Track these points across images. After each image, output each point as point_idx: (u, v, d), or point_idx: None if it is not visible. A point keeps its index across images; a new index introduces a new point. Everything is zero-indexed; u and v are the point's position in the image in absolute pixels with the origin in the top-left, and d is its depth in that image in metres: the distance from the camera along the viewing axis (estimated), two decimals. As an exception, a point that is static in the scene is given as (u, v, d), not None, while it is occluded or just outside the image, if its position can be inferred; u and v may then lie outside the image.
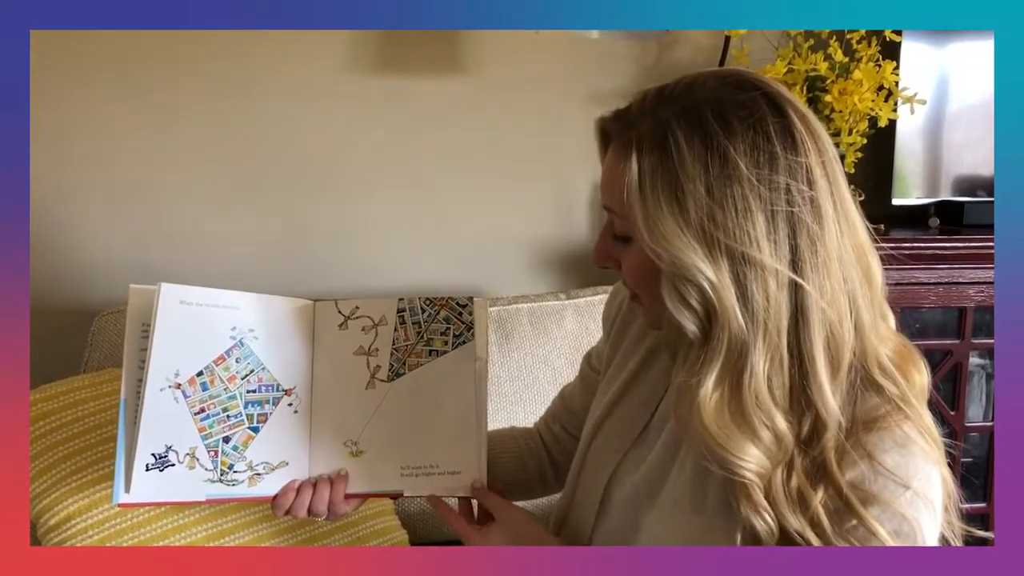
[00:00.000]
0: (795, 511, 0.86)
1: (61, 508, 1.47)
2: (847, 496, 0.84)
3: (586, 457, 1.14)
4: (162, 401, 1.09)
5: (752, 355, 0.85)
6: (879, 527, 0.83)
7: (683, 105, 0.87)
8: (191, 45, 2.08)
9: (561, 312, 2.02)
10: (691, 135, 0.85)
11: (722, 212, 0.83)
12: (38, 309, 1.93)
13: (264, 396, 1.15)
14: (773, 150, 0.85)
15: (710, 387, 0.86)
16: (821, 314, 0.85)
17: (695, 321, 0.86)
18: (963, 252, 1.99)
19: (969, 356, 2.06)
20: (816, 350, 0.85)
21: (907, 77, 1.99)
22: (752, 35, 2.05)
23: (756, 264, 0.83)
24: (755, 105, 0.86)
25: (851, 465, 0.86)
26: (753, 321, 0.84)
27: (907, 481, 0.84)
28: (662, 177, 0.85)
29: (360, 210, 2.22)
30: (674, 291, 0.86)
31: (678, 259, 0.84)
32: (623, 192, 0.88)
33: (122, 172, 2.13)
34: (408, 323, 1.19)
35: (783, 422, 0.86)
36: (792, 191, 0.84)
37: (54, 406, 1.59)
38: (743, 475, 0.86)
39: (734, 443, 0.86)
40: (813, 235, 0.85)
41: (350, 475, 1.15)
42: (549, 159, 2.19)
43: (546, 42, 2.15)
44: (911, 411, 0.88)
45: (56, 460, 1.52)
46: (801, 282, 0.84)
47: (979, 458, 2.10)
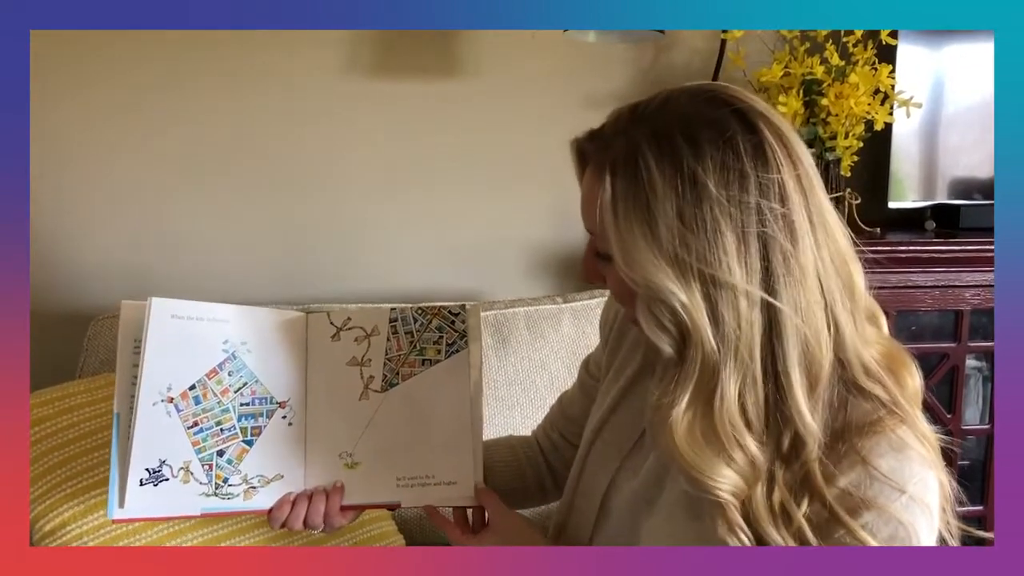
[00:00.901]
0: (778, 526, 0.86)
1: (56, 514, 1.46)
2: (833, 507, 0.84)
3: (585, 464, 1.14)
4: (155, 415, 1.09)
5: (723, 376, 0.85)
6: (869, 537, 0.83)
7: (654, 126, 0.87)
8: (190, 46, 2.08)
9: (558, 316, 2.02)
10: (661, 158, 0.85)
11: (693, 236, 0.83)
12: (34, 313, 1.91)
13: (258, 409, 1.15)
14: (743, 169, 0.84)
15: (682, 408, 0.86)
16: (795, 330, 0.85)
17: (670, 342, 0.87)
18: (959, 255, 1.99)
19: (965, 359, 2.06)
20: (791, 366, 0.85)
21: (903, 80, 1.99)
22: (748, 38, 2.05)
23: (727, 286, 0.83)
24: (725, 123, 0.86)
25: (846, 471, 0.86)
26: (724, 343, 0.84)
27: (903, 485, 0.84)
28: (634, 201, 0.85)
29: (357, 213, 2.22)
30: (648, 313, 0.87)
31: (651, 283, 0.84)
32: (598, 214, 0.88)
33: (119, 174, 2.12)
34: (400, 333, 1.18)
35: (755, 445, 0.86)
36: (763, 210, 0.84)
37: (49, 411, 1.58)
38: (718, 495, 0.86)
39: (707, 465, 0.86)
40: (786, 252, 0.85)
41: (345, 487, 1.14)
42: (546, 162, 2.17)
43: (542, 45, 2.15)
44: (905, 415, 0.88)
45: (51, 466, 1.51)
46: (773, 301, 0.84)
47: (976, 461, 2.10)
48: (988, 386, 2.10)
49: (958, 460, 2.04)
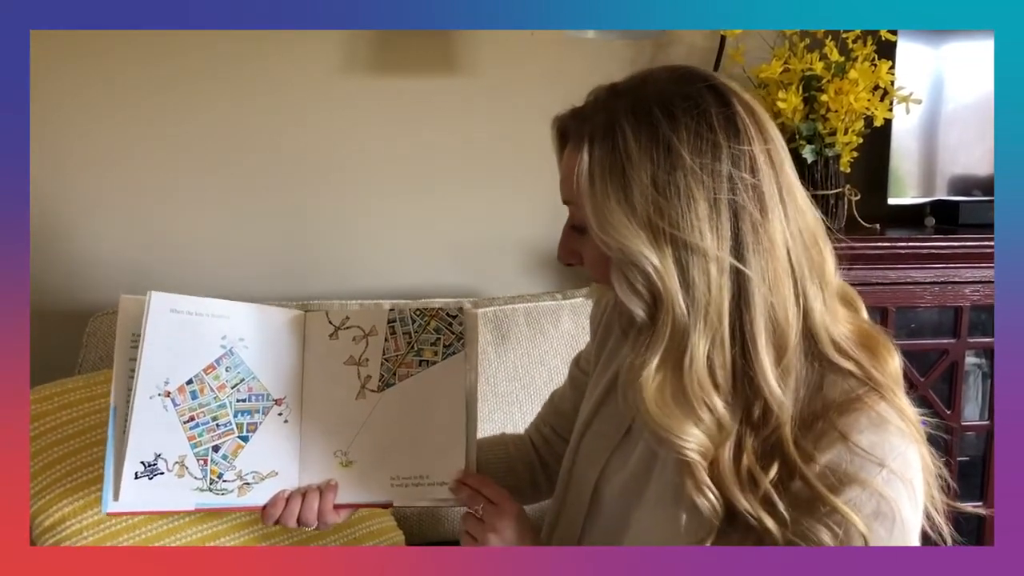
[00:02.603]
0: (744, 490, 0.88)
1: (56, 510, 1.46)
2: (815, 485, 0.85)
3: (576, 456, 1.15)
4: (152, 409, 1.09)
5: (693, 339, 0.87)
6: (853, 513, 0.84)
7: (632, 100, 0.91)
8: (189, 46, 2.08)
9: (557, 312, 2.02)
10: (638, 128, 0.88)
11: (666, 201, 0.86)
12: (33, 309, 1.92)
13: (254, 405, 1.15)
14: (716, 139, 0.87)
15: (653, 368, 0.89)
16: (763, 298, 0.88)
17: (642, 306, 0.89)
18: (959, 252, 1.99)
19: (965, 355, 2.06)
20: (758, 332, 0.88)
21: (903, 77, 1.99)
22: (747, 35, 2.05)
23: (698, 251, 0.86)
24: (700, 97, 0.89)
25: (825, 448, 0.87)
26: (694, 306, 0.87)
27: (883, 460, 0.86)
28: (610, 168, 0.88)
29: (357, 210, 2.22)
30: (622, 277, 0.89)
31: (625, 246, 0.87)
32: (575, 182, 0.91)
33: (118, 172, 2.12)
34: (399, 333, 1.19)
35: (722, 405, 0.89)
36: (735, 179, 0.87)
37: (49, 407, 1.58)
38: (685, 454, 0.88)
39: (675, 424, 0.88)
40: (755, 222, 0.88)
41: (340, 485, 1.15)
42: (545, 159, 2.17)
43: (542, 43, 2.15)
44: (884, 391, 0.89)
45: (51, 461, 1.52)
46: (742, 267, 0.87)
47: (975, 457, 2.10)
48: (987, 382, 2.10)
49: (957, 456, 2.05)
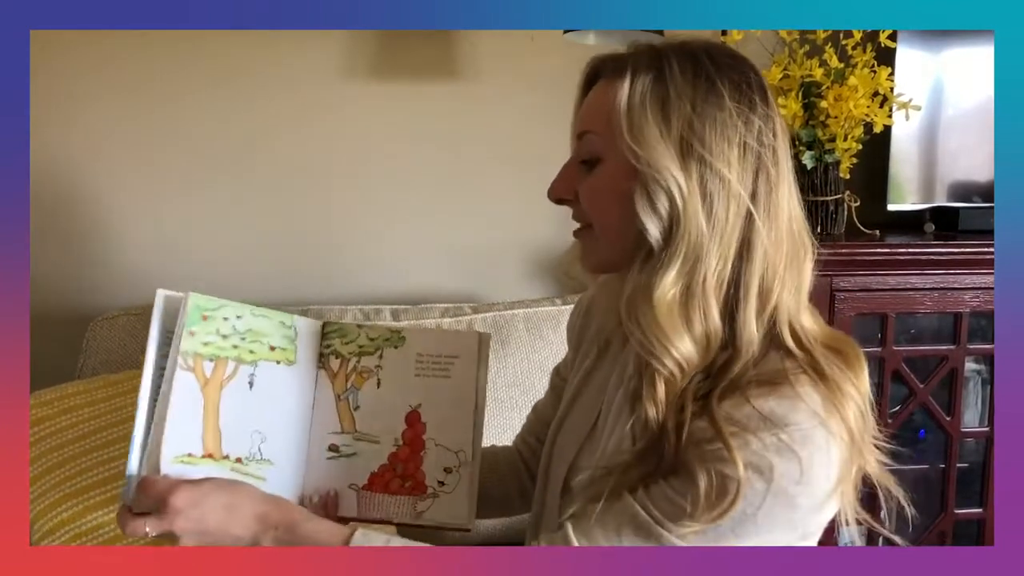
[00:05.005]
0: (671, 414, 0.89)
1: (55, 514, 1.46)
2: (717, 423, 0.85)
3: (552, 454, 1.16)
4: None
5: (706, 260, 0.90)
6: (736, 453, 0.83)
7: (678, 45, 0.95)
8: (189, 47, 2.08)
9: (557, 318, 2.02)
10: (684, 62, 0.92)
11: (701, 125, 0.90)
12: (33, 314, 1.91)
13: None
14: (752, 96, 0.92)
15: (668, 284, 0.90)
16: (763, 253, 0.91)
17: (659, 227, 0.91)
18: (958, 257, 1.99)
19: (964, 361, 2.06)
20: (752, 281, 0.91)
21: (902, 83, 2.00)
22: (747, 41, 2.05)
23: (723, 180, 0.89)
24: (741, 62, 0.95)
25: (733, 404, 0.86)
26: (711, 229, 0.89)
27: (776, 424, 0.84)
28: (652, 92, 0.91)
29: (357, 214, 2.22)
30: (645, 194, 0.91)
31: (653, 161, 0.89)
32: (609, 111, 0.93)
33: (118, 176, 2.13)
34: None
35: (718, 317, 0.91)
36: (763, 134, 0.91)
37: (48, 412, 1.58)
38: (664, 364, 0.90)
39: (673, 332, 0.90)
40: (772, 181, 0.91)
41: (341, 501, 1.13)
42: (545, 163, 2.17)
43: (542, 46, 2.15)
44: (827, 386, 0.87)
45: (50, 466, 1.52)
46: (756, 214, 0.90)
47: (975, 464, 2.09)
48: (987, 388, 2.09)
49: (956, 462, 2.04)
